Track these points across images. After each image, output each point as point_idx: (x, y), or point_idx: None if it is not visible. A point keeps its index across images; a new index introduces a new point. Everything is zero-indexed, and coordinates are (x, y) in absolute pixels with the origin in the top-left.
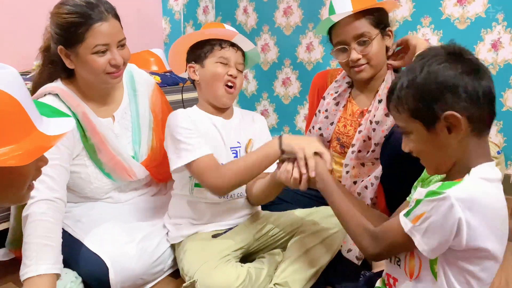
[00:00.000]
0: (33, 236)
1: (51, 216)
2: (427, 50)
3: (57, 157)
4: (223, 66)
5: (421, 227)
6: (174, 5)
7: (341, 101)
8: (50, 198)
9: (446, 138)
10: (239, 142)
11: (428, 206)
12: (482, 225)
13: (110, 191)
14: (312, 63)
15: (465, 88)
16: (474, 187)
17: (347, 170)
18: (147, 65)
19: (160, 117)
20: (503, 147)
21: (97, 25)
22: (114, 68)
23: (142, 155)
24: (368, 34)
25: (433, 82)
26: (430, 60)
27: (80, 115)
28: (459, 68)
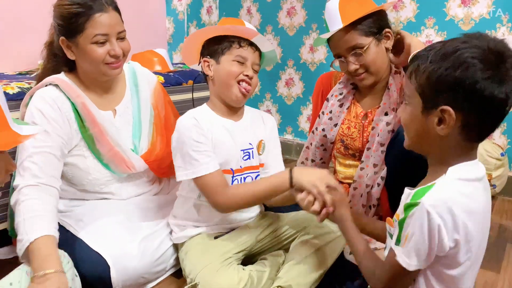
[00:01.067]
0: (20, 217)
1: (35, 195)
2: (474, 34)
3: (47, 144)
4: (239, 65)
5: (409, 249)
6: (178, 5)
7: (345, 102)
8: (32, 184)
9: (432, 128)
10: (251, 144)
11: (409, 223)
12: (459, 228)
13: (109, 184)
14: (316, 64)
15: (479, 94)
16: (448, 189)
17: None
18: (151, 65)
19: (163, 114)
20: (507, 149)
21: (97, 16)
22: (113, 59)
23: (142, 149)
24: (360, 45)
25: (453, 73)
26: (466, 49)
27: (80, 106)
28: (488, 72)
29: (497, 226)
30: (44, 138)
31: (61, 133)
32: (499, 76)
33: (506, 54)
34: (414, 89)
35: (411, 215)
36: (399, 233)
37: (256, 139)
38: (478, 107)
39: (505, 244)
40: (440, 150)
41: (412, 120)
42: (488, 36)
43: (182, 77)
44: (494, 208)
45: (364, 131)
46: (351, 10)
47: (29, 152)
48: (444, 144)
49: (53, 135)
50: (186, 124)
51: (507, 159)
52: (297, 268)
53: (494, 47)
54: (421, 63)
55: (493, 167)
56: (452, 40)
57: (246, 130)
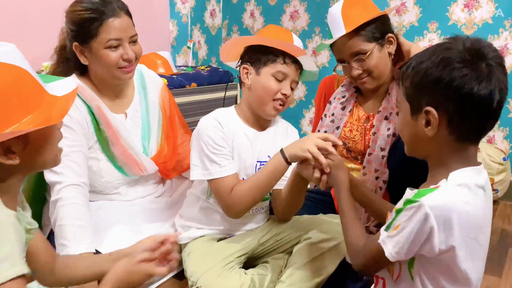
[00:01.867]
0: (67, 219)
1: (81, 200)
2: (452, 37)
3: (78, 144)
4: (277, 82)
5: (395, 239)
6: (182, 8)
7: (347, 105)
8: (77, 183)
9: (421, 130)
10: (269, 156)
11: (404, 216)
12: (455, 234)
13: (119, 186)
14: (318, 67)
15: (458, 91)
16: (450, 195)
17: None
18: (155, 68)
19: (168, 115)
20: (509, 153)
21: (110, 21)
22: (126, 63)
23: (152, 151)
24: (363, 51)
25: (432, 74)
26: (444, 51)
27: (95, 108)
28: (465, 70)
29: (499, 230)
30: (75, 137)
31: (84, 133)
32: (476, 74)
33: (482, 52)
34: (402, 94)
35: (409, 208)
36: (391, 221)
37: (275, 152)
38: (459, 105)
39: (507, 249)
40: (436, 152)
41: (404, 125)
42: (463, 37)
43: (185, 80)
44: (496, 212)
45: (366, 134)
46: (354, 15)
47: (65, 151)
48: (437, 146)
49: (80, 135)
50: (208, 125)
51: (509, 163)
52: (299, 273)
53: (470, 46)
54: (405, 70)
55: (496, 171)
56: (432, 46)
57: (267, 142)
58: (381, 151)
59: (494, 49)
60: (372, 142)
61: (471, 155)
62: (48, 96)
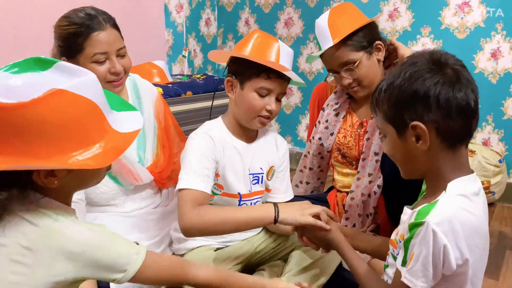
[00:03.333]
0: None
1: (79, 217)
2: (412, 54)
3: None
4: (261, 98)
5: (415, 269)
6: (177, 17)
7: (341, 112)
8: (74, 201)
9: (414, 147)
10: (262, 169)
11: (415, 244)
12: (464, 246)
13: (116, 197)
14: (314, 74)
15: (436, 99)
16: (451, 207)
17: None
18: (150, 77)
19: (163, 124)
20: (504, 155)
21: (95, 34)
22: (114, 76)
23: (147, 160)
24: (352, 61)
25: (406, 89)
26: (409, 66)
27: None
28: (436, 77)
29: (497, 233)
30: None
31: None
32: (447, 79)
33: (446, 58)
34: (382, 119)
35: (417, 234)
36: (405, 254)
37: (267, 164)
38: (442, 112)
39: (504, 251)
40: (433, 165)
41: (394, 148)
42: (421, 51)
43: (181, 89)
44: (493, 215)
45: (360, 140)
46: (340, 26)
47: None
48: (433, 158)
49: None
50: (201, 141)
51: (505, 165)
52: (296, 279)
53: (432, 57)
54: (378, 95)
55: (492, 174)
56: (395, 67)
57: (258, 153)
58: (375, 155)
59: (451, 55)
60: (366, 147)
61: (465, 161)
62: (111, 133)
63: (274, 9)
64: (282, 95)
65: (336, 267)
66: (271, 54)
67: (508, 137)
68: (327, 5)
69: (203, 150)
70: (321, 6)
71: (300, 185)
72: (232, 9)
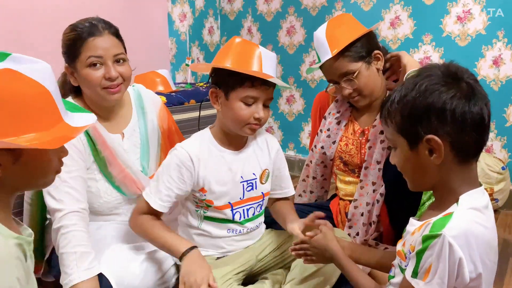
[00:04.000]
0: (69, 246)
1: (82, 226)
2: (426, 66)
3: (76, 168)
4: (248, 107)
5: (433, 283)
6: (180, 26)
7: (342, 120)
8: (77, 210)
9: (426, 160)
10: (255, 174)
11: (430, 255)
12: (478, 260)
13: (119, 207)
14: (316, 81)
15: (452, 113)
16: (466, 220)
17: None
18: (154, 86)
19: (167, 133)
20: (508, 162)
21: (91, 39)
22: (109, 82)
23: (151, 170)
24: (350, 71)
25: (421, 102)
26: (424, 79)
27: (91, 129)
28: (452, 91)
29: (501, 240)
30: (72, 162)
31: (82, 157)
32: (463, 93)
33: (460, 72)
34: (394, 130)
35: (432, 246)
36: (417, 265)
37: (259, 169)
38: (457, 125)
39: (508, 259)
40: (443, 179)
41: (405, 160)
42: (436, 64)
43: (184, 97)
44: (497, 222)
45: (361, 147)
46: (338, 37)
47: (63, 177)
48: (444, 171)
49: (77, 159)
50: (175, 160)
51: (508, 172)
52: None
53: (447, 70)
54: (390, 106)
55: (495, 181)
56: (409, 77)
57: (249, 160)
58: (377, 164)
59: (466, 69)
60: (368, 156)
61: (475, 174)
62: (62, 123)
63: (276, 18)
64: (269, 101)
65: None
66: (253, 62)
67: (511, 144)
68: (328, 14)
69: (172, 171)
70: (323, 14)
71: (304, 194)
72: (234, 18)
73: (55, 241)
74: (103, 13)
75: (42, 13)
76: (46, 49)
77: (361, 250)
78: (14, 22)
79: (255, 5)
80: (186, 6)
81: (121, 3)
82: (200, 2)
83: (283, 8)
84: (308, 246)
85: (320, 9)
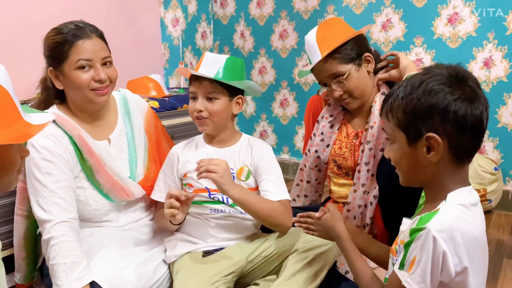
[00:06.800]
0: (58, 257)
1: (72, 236)
2: (432, 66)
3: (64, 178)
4: (193, 101)
5: (415, 274)
6: (173, 31)
7: (335, 123)
8: (66, 220)
9: (423, 157)
10: (232, 169)
11: (416, 248)
12: (464, 254)
13: (109, 213)
14: (309, 84)
15: (455, 114)
16: (452, 215)
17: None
18: (146, 91)
19: (155, 138)
20: (500, 163)
21: (80, 42)
22: (98, 84)
23: (139, 175)
24: (340, 73)
25: (426, 101)
26: (431, 78)
27: (77, 138)
28: (456, 93)
29: (495, 241)
30: (59, 172)
31: (69, 167)
32: (466, 95)
33: (466, 75)
34: (394, 125)
35: (417, 238)
36: (404, 257)
37: (237, 164)
38: (458, 127)
39: (502, 259)
40: (436, 177)
41: (401, 155)
42: (444, 64)
43: (177, 102)
44: (490, 222)
45: (355, 150)
46: (328, 39)
47: (51, 188)
48: (439, 170)
49: (65, 169)
50: (169, 154)
51: (501, 173)
52: (288, 284)
53: (453, 72)
54: (393, 101)
55: (488, 181)
56: (415, 75)
57: (231, 156)
58: (365, 165)
59: (470, 72)
60: (360, 159)
61: (466, 175)
62: (22, 121)
63: (268, 22)
64: (214, 94)
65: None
66: (198, 65)
67: (503, 145)
68: (320, 17)
69: (164, 166)
70: (315, 18)
71: (298, 199)
72: (227, 22)
73: (45, 253)
74: (95, 18)
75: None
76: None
77: (362, 237)
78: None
79: (248, 10)
80: (179, 11)
81: (114, 8)
82: (193, 7)
83: (276, 12)
84: (313, 221)
85: (312, 12)
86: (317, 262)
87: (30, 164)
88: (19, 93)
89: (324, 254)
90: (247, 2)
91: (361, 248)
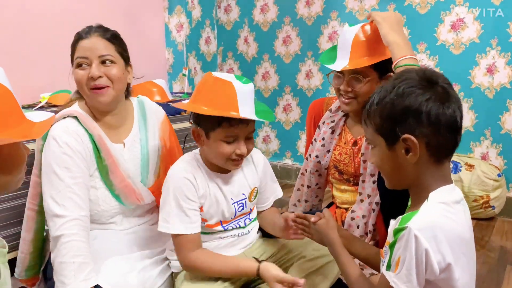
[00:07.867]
0: (68, 256)
1: (83, 236)
2: (403, 70)
3: (81, 175)
4: (229, 145)
5: (401, 274)
6: (177, 36)
7: (336, 129)
8: (78, 217)
9: (403, 159)
10: (244, 194)
11: (399, 248)
12: (448, 251)
13: (115, 216)
14: (312, 90)
15: (427, 114)
16: (433, 213)
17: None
18: (150, 96)
19: (168, 145)
20: (503, 169)
21: (80, 42)
22: (92, 81)
23: (150, 181)
24: (363, 74)
25: (399, 104)
26: (402, 82)
27: (97, 137)
28: (427, 94)
29: (498, 247)
30: (77, 169)
31: (86, 165)
32: (438, 96)
33: (435, 77)
34: (373, 131)
35: (400, 238)
36: (390, 258)
37: (248, 188)
38: (432, 127)
39: (505, 266)
40: (418, 178)
41: (382, 159)
42: (414, 68)
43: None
44: (494, 229)
45: (355, 157)
46: (361, 53)
47: (67, 183)
48: (419, 170)
49: (82, 166)
50: (180, 178)
51: (504, 180)
52: None
53: (423, 74)
54: (369, 107)
55: (491, 188)
56: (387, 81)
57: (238, 180)
58: (371, 177)
59: (441, 73)
60: (363, 169)
61: (447, 173)
62: (26, 120)
63: (272, 28)
64: (251, 134)
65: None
66: (229, 102)
67: (506, 151)
68: (324, 23)
69: (187, 194)
70: (318, 24)
71: (299, 204)
72: (231, 28)
73: (54, 249)
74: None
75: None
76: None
77: (357, 243)
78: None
79: (252, 15)
80: (183, 17)
81: (119, 14)
82: (197, 13)
83: (279, 18)
84: (310, 224)
85: (315, 18)
86: (323, 271)
87: (49, 157)
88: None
89: (330, 264)
90: (251, 8)
91: (356, 254)
